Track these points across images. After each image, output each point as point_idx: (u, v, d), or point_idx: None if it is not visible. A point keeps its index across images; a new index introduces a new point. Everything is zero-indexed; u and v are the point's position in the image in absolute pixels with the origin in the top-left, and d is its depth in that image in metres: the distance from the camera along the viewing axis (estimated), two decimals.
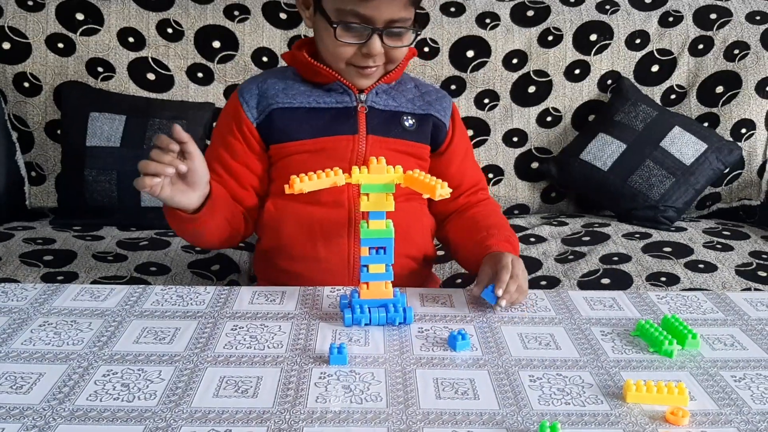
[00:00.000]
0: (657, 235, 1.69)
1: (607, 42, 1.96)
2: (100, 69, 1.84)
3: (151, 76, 1.86)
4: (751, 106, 1.92)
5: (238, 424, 0.72)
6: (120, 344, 0.88)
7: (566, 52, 1.96)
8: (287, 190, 0.91)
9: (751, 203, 1.93)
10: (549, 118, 1.97)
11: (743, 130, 1.92)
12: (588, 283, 1.46)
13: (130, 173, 1.70)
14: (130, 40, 1.85)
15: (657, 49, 1.97)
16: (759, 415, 0.77)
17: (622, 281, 1.46)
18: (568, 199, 1.99)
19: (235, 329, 0.93)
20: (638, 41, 1.97)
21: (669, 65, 1.97)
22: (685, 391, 0.78)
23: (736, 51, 1.95)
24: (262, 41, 1.89)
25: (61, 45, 1.82)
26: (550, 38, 1.96)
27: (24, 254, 1.49)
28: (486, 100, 1.95)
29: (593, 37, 1.96)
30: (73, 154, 1.74)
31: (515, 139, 1.96)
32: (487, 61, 1.94)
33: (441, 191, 0.90)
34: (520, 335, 0.94)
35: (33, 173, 1.84)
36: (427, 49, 1.92)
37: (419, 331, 0.94)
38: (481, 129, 1.95)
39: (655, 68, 1.97)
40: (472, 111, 1.95)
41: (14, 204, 1.82)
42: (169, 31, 1.87)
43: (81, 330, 0.92)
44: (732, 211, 1.96)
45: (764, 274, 1.50)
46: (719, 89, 1.95)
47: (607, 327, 0.97)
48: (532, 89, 1.96)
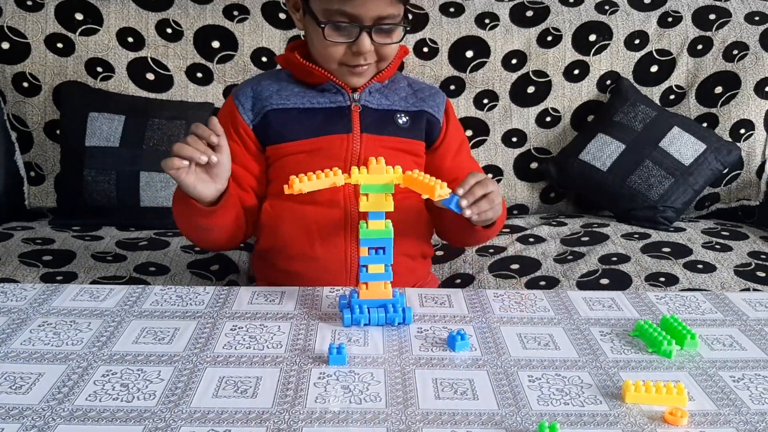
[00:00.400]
0: (656, 236, 1.70)
1: (607, 42, 1.96)
2: (100, 69, 1.84)
3: (151, 76, 1.86)
4: (750, 106, 1.92)
5: (237, 425, 0.72)
6: (119, 344, 0.88)
7: (565, 53, 1.96)
8: (287, 190, 0.91)
9: (750, 203, 1.94)
10: (548, 119, 1.97)
11: (742, 131, 1.92)
12: (587, 283, 1.46)
13: (129, 173, 1.71)
14: (130, 40, 1.85)
15: (656, 50, 1.97)
16: (757, 415, 0.77)
17: (621, 281, 1.46)
18: (567, 200, 1.99)
19: (235, 329, 0.93)
20: (637, 41, 1.97)
21: (668, 66, 1.97)
22: (683, 392, 0.78)
23: (735, 51, 1.95)
24: (261, 41, 1.89)
25: (60, 45, 1.82)
26: (549, 38, 1.96)
27: (23, 254, 1.49)
28: (485, 101, 1.96)
29: (592, 38, 1.96)
30: (72, 154, 1.74)
31: (514, 139, 1.96)
32: (486, 62, 1.94)
33: (440, 191, 0.90)
34: (519, 335, 0.94)
35: (32, 173, 1.84)
36: (426, 49, 1.92)
37: (418, 332, 0.94)
38: (481, 129, 1.95)
39: (654, 68, 1.97)
40: (472, 111, 1.95)
41: (13, 204, 1.82)
42: (169, 31, 1.87)
43: (80, 330, 0.92)
44: (731, 212, 1.96)
45: (763, 275, 1.50)
46: (718, 90, 1.95)
47: (606, 327, 0.97)
48: (531, 89, 1.96)
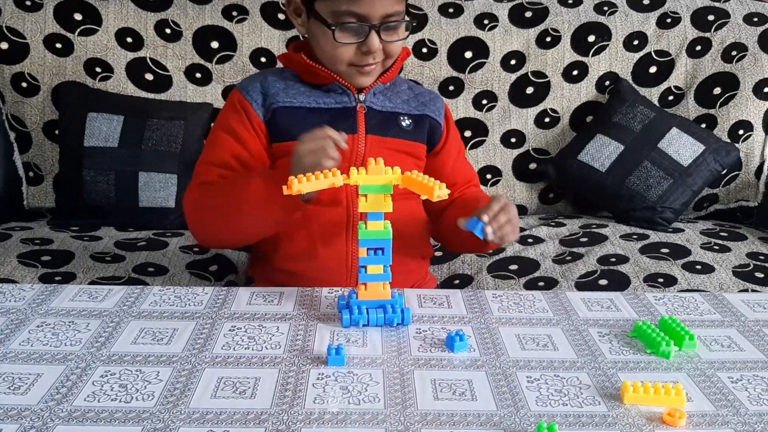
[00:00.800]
0: (654, 236, 1.70)
1: (605, 43, 1.96)
2: (98, 69, 1.84)
3: (149, 77, 1.86)
4: (748, 107, 1.93)
5: (235, 425, 0.72)
6: (118, 345, 0.88)
7: (564, 54, 1.96)
8: (285, 191, 0.91)
9: (749, 204, 1.94)
10: (547, 119, 1.97)
11: (741, 132, 1.92)
12: (586, 284, 1.46)
13: (128, 173, 1.71)
14: (129, 40, 1.85)
15: (655, 51, 1.98)
16: (755, 416, 0.77)
17: (619, 282, 1.46)
18: (566, 200, 1.99)
19: (233, 330, 0.93)
20: (636, 42, 1.97)
21: (667, 66, 1.98)
22: (682, 393, 0.78)
23: (733, 52, 1.95)
24: (260, 42, 1.89)
25: (59, 45, 1.82)
26: (548, 39, 1.96)
27: (22, 255, 1.49)
28: (484, 101, 1.96)
29: (591, 39, 1.96)
30: (71, 154, 1.74)
31: (513, 139, 1.96)
32: (485, 62, 1.94)
33: (439, 192, 0.90)
34: (517, 336, 0.94)
35: (31, 173, 1.84)
36: (425, 50, 1.92)
37: (417, 332, 0.94)
38: (479, 130, 1.95)
39: (652, 69, 1.98)
40: (470, 112, 1.95)
41: (12, 204, 1.82)
42: (168, 31, 1.87)
43: (79, 331, 0.92)
44: (729, 213, 1.96)
45: (761, 276, 1.50)
46: (717, 91, 1.95)
47: (604, 328, 0.97)
48: (530, 90, 1.96)
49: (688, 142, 1.83)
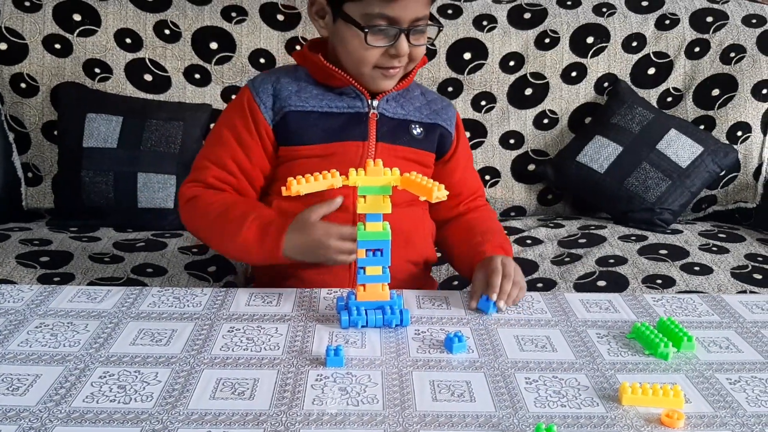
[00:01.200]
0: (653, 238, 1.70)
1: (604, 45, 1.96)
2: (97, 70, 1.84)
3: (149, 77, 1.86)
4: (747, 109, 1.93)
5: (234, 426, 0.72)
6: (116, 346, 0.88)
7: (563, 55, 1.96)
8: (284, 192, 0.91)
9: (747, 206, 1.94)
10: (546, 121, 1.97)
11: (739, 133, 1.92)
12: (584, 285, 1.46)
13: (127, 174, 1.71)
14: (128, 41, 1.85)
15: (653, 52, 1.98)
16: (754, 417, 0.77)
17: (618, 283, 1.46)
18: (565, 202, 1.99)
19: (232, 331, 0.93)
20: (635, 44, 1.98)
21: (665, 68, 1.98)
22: (680, 394, 0.78)
23: (732, 54, 1.96)
24: (259, 42, 1.89)
25: (58, 46, 1.82)
26: (546, 41, 1.96)
27: (20, 255, 1.49)
28: (483, 102, 1.96)
29: (590, 40, 1.96)
30: (69, 155, 1.74)
31: (512, 141, 1.96)
32: (484, 64, 1.94)
33: (438, 193, 0.90)
34: (516, 337, 0.94)
35: (30, 174, 1.83)
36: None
37: (416, 333, 0.94)
38: (478, 131, 1.95)
39: (651, 71, 1.98)
40: (469, 113, 1.95)
41: (11, 205, 1.82)
42: (167, 32, 1.87)
43: (77, 332, 0.92)
44: (728, 214, 1.97)
45: (760, 277, 1.50)
46: (715, 92, 1.95)
47: (602, 329, 0.97)
48: (528, 91, 1.96)
49: (686, 143, 1.84)
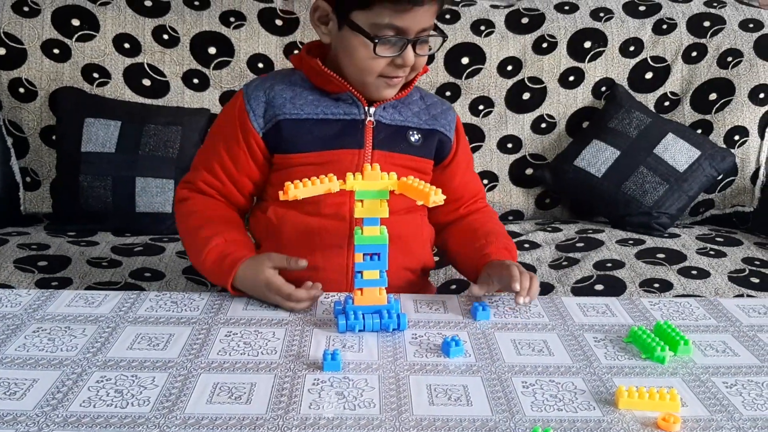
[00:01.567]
0: (650, 242, 1.70)
1: (601, 49, 1.97)
2: (96, 75, 1.84)
3: (147, 82, 1.86)
4: (744, 113, 1.93)
5: (231, 431, 0.72)
6: (114, 350, 0.88)
7: (560, 59, 1.97)
8: (281, 196, 0.91)
9: (745, 210, 1.94)
10: (543, 125, 1.98)
11: (736, 137, 1.93)
12: (582, 289, 1.46)
13: (125, 179, 1.71)
14: (126, 46, 1.86)
15: (651, 57, 1.98)
16: (750, 421, 0.77)
17: (615, 287, 1.47)
18: (563, 206, 2.00)
19: (229, 335, 0.93)
20: (632, 48, 1.98)
21: (663, 72, 1.98)
22: (676, 398, 0.78)
23: (729, 58, 1.96)
24: (257, 47, 1.89)
25: (56, 51, 1.83)
26: (544, 45, 1.97)
27: (18, 260, 1.49)
28: (481, 107, 1.96)
29: (587, 45, 1.97)
30: (68, 159, 1.74)
31: (510, 145, 1.97)
32: (481, 68, 1.95)
33: (434, 198, 0.90)
34: (513, 341, 0.94)
35: (28, 179, 1.84)
36: None
37: (413, 338, 0.94)
38: (476, 135, 1.95)
39: (648, 75, 1.98)
40: (467, 117, 1.95)
41: (9, 209, 1.82)
42: (165, 37, 1.87)
43: (75, 336, 0.92)
44: (725, 218, 1.97)
45: (757, 281, 1.51)
46: (713, 96, 1.96)
47: (600, 333, 0.97)
48: (526, 96, 1.97)
49: (683, 147, 1.84)
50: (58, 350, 0.88)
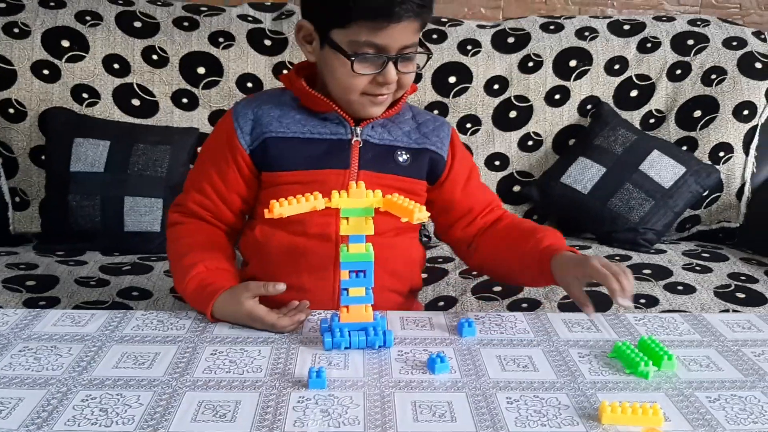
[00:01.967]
0: (637, 258, 1.71)
1: (587, 68, 1.99)
2: (85, 95, 1.85)
3: (136, 102, 1.87)
4: (728, 129, 1.95)
5: None
6: (99, 369, 0.88)
7: (546, 78, 1.99)
8: (267, 214, 0.92)
9: (731, 225, 1.96)
10: (530, 143, 1.99)
11: (721, 154, 1.94)
12: (569, 305, 1.47)
13: (113, 198, 1.71)
14: (115, 66, 1.87)
15: (635, 75, 2.01)
16: None
17: (602, 303, 1.46)
18: (550, 222, 2.00)
19: (215, 354, 0.93)
20: (617, 67, 2.00)
21: (647, 90, 2.01)
22: (659, 412, 0.78)
23: (713, 76, 1.99)
24: (246, 67, 1.90)
25: (46, 71, 1.83)
26: (530, 64, 1.99)
27: (6, 279, 1.49)
28: (468, 125, 1.98)
29: (573, 63, 1.99)
30: (57, 179, 1.75)
31: (497, 162, 1.98)
32: (468, 87, 1.96)
33: (419, 215, 0.91)
34: (498, 357, 0.94)
35: (17, 198, 1.84)
36: None
37: (399, 354, 0.95)
38: None
39: (633, 93, 2.01)
40: None
41: None
42: (154, 57, 1.88)
43: (61, 355, 0.92)
44: (711, 234, 1.98)
45: (743, 296, 1.52)
46: (697, 113, 1.98)
47: (584, 349, 0.98)
48: (513, 114, 1.99)
49: (669, 164, 1.86)
50: (44, 369, 0.88)
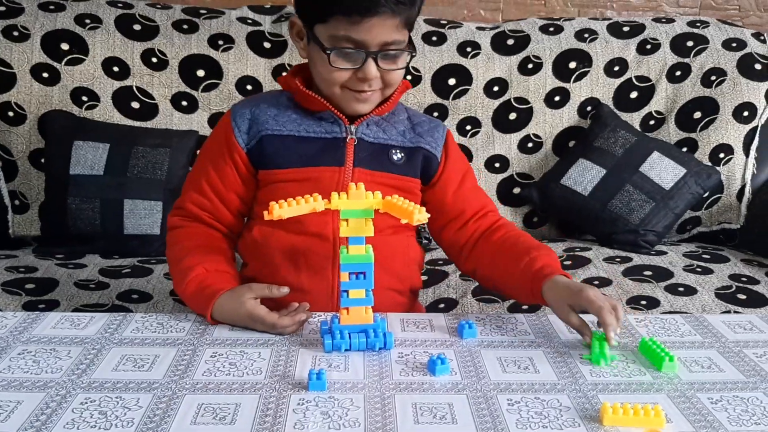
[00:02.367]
0: (637, 259, 1.71)
1: (586, 69, 1.99)
2: (85, 98, 1.85)
3: (136, 105, 1.87)
4: (728, 131, 1.95)
5: None
6: (99, 372, 0.88)
7: (546, 80, 1.99)
8: (266, 216, 0.92)
9: (731, 227, 1.95)
10: (530, 144, 1.99)
11: (721, 155, 1.94)
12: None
13: (113, 201, 1.71)
14: (115, 69, 1.87)
15: (635, 76, 2.01)
16: None
17: None
18: (550, 224, 2.00)
19: (215, 356, 0.93)
20: (617, 68, 2.00)
21: (647, 92, 2.00)
22: (661, 414, 0.78)
23: (713, 77, 1.99)
24: (246, 70, 1.90)
25: (45, 74, 1.83)
26: (530, 66, 1.99)
27: (6, 283, 1.49)
28: (468, 127, 1.98)
29: (572, 65, 1.99)
30: (56, 182, 1.74)
31: (497, 164, 1.98)
32: (468, 89, 1.96)
33: (418, 216, 0.91)
34: (499, 359, 0.94)
35: (16, 202, 1.83)
36: (409, 77, 1.94)
37: (399, 356, 0.94)
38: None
39: (633, 95, 2.01)
40: (455, 138, 1.95)
41: None
42: (154, 60, 1.88)
43: (60, 358, 0.91)
44: (712, 235, 1.98)
45: (744, 297, 1.51)
46: (697, 115, 1.98)
47: (586, 350, 0.97)
48: (513, 116, 1.98)
49: (669, 165, 1.85)
50: (43, 372, 0.88)
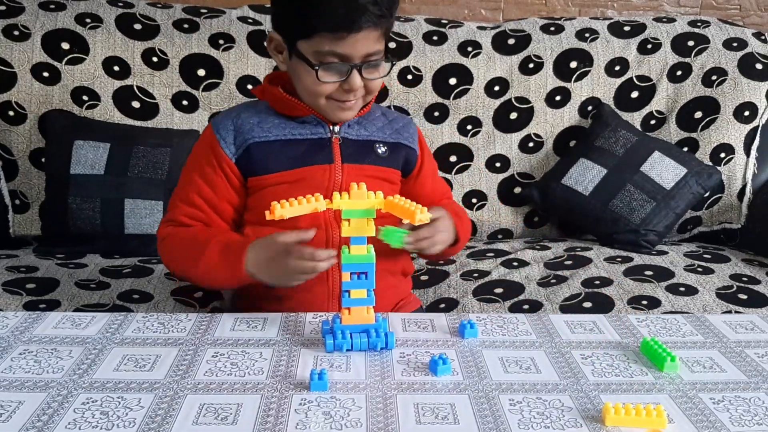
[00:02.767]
0: (638, 259, 1.71)
1: (587, 69, 1.99)
2: (85, 97, 1.84)
3: (136, 104, 1.87)
4: (729, 131, 1.95)
5: None
6: (100, 372, 0.88)
7: (547, 80, 1.98)
8: (268, 216, 0.92)
9: (732, 227, 1.95)
10: (531, 144, 1.99)
11: (722, 155, 1.94)
12: (570, 306, 1.47)
13: (114, 201, 1.71)
14: (116, 68, 1.87)
15: (636, 76, 2.00)
16: None
17: (603, 305, 1.47)
18: (551, 224, 2.00)
19: (216, 356, 0.93)
20: (618, 68, 2.00)
21: (648, 91, 2.00)
22: (663, 414, 0.78)
23: (714, 77, 1.98)
24: (246, 69, 1.90)
25: (46, 74, 1.83)
26: (531, 66, 1.99)
27: (6, 282, 1.49)
28: (469, 127, 1.98)
29: (573, 65, 1.99)
30: (57, 182, 1.74)
31: (498, 164, 1.98)
32: (469, 89, 1.96)
33: (420, 216, 0.91)
34: (500, 359, 0.94)
35: (17, 201, 1.83)
36: (410, 76, 1.94)
37: (401, 356, 0.94)
38: (464, 155, 1.97)
39: (634, 94, 2.00)
40: (455, 137, 1.97)
41: None
42: (155, 59, 1.88)
43: (61, 358, 0.91)
44: (713, 235, 1.98)
45: (745, 297, 1.51)
46: (698, 114, 1.98)
47: (587, 350, 0.98)
48: (513, 116, 1.98)
49: (670, 165, 1.85)
50: (44, 372, 0.88)
